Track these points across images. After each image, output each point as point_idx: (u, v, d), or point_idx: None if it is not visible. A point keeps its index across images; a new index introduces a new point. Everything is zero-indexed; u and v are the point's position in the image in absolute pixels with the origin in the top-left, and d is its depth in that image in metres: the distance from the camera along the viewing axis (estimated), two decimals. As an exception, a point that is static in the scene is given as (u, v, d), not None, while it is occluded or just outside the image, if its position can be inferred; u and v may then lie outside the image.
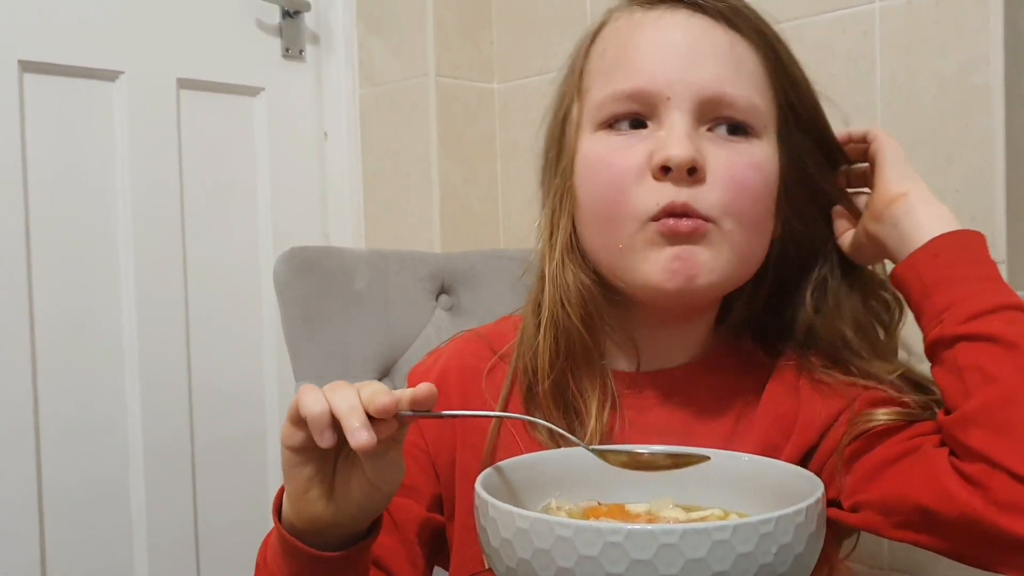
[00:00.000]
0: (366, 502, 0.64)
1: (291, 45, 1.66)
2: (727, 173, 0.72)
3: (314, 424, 0.58)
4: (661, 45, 0.74)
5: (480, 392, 0.82)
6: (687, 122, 0.72)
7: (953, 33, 1.08)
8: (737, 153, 0.73)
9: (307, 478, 0.63)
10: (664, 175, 0.71)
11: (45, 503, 1.40)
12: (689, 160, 0.70)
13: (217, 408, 1.58)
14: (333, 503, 0.63)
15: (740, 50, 0.74)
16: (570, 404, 0.78)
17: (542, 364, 0.78)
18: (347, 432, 0.57)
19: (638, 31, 0.76)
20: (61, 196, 1.42)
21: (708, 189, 0.72)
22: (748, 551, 0.51)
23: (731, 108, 0.73)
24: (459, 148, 1.62)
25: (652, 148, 0.72)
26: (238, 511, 1.61)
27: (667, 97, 0.72)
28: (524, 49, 1.61)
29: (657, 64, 0.73)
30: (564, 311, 0.77)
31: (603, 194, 0.74)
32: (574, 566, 0.51)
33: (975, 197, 1.08)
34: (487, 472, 0.62)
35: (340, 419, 0.58)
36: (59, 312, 1.41)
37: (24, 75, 1.38)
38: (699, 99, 0.72)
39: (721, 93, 0.73)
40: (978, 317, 0.66)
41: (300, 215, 1.69)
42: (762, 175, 0.74)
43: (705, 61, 0.73)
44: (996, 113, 1.06)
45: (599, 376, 0.79)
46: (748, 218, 0.73)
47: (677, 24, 0.74)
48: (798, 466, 0.75)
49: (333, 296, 1.20)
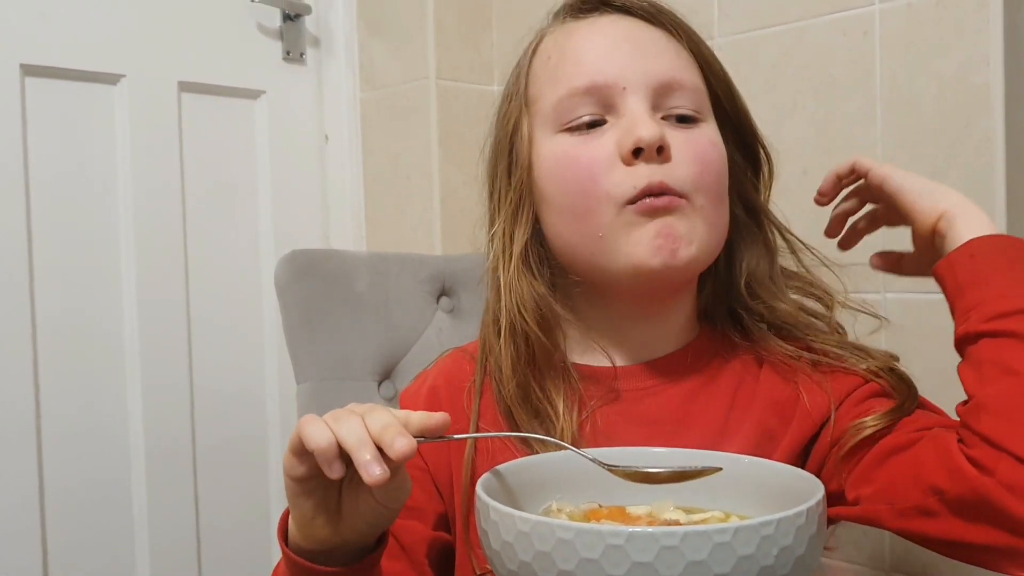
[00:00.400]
0: (374, 521, 0.64)
1: (292, 48, 1.67)
2: (691, 151, 0.76)
3: (322, 457, 0.57)
4: (603, 42, 0.79)
5: (463, 409, 0.82)
6: (645, 107, 0.76)
7: (953, 34, 1.09)
8: (693, 134, 0.77)
9: (313, 506, 0.62)
10: (635, 158, 0.74)
11: (47, 504, 1.40)
12: (659, 138, 0.73)
13: (218, 410, 1.58)
14: (340, 526, 0.63)
15: (672, 43, 0.79)
16: (539, 408, 0.79)
17: (505, 370, 0.80)
18: (359, 467, 0.56)
19: (577, 35, 0.80)
20: (63, 199, 1.42)
21: (676, 166, 0.75)
22: (749, 553, 0.51)
23: (682, 91, 0.77)
24: (460, 151, 1.62)
25: (618, 137, 0.75)
26: (239, 512, 1.62)
27: (622, 87, 0.76)
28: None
29: (605, 58, 0.77)
30: (520, 317, 0.79)
31: (575, 187, 0.76)
32: (575, 568, 0.51)
33: (975, 197, 1.06)
34: (488, 475, 0.62)
35: (350, 453, 0.57)
36: (61, 314, 1.42)
37: (26, 79, 1.38)
38: (653, 84, 0.76)
39: (671, 77, 0.77)
40: (1004, 316, 0.67)
41: (301, 218, 1.69)
42: (718, 151, 0.78)
43: (648, 51, 0.77)
44: (996, 114, 1.06)
45: (563, 377, 0.80)
46: (714, 192, 0.77)
47: (614, 24, 0.79)
48: (798, 460, 0.76)
49: (334, 298, 1.20)
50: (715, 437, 0.77)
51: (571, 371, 0.80)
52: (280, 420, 1.65)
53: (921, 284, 0.89)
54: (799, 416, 0.77)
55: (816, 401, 0.77)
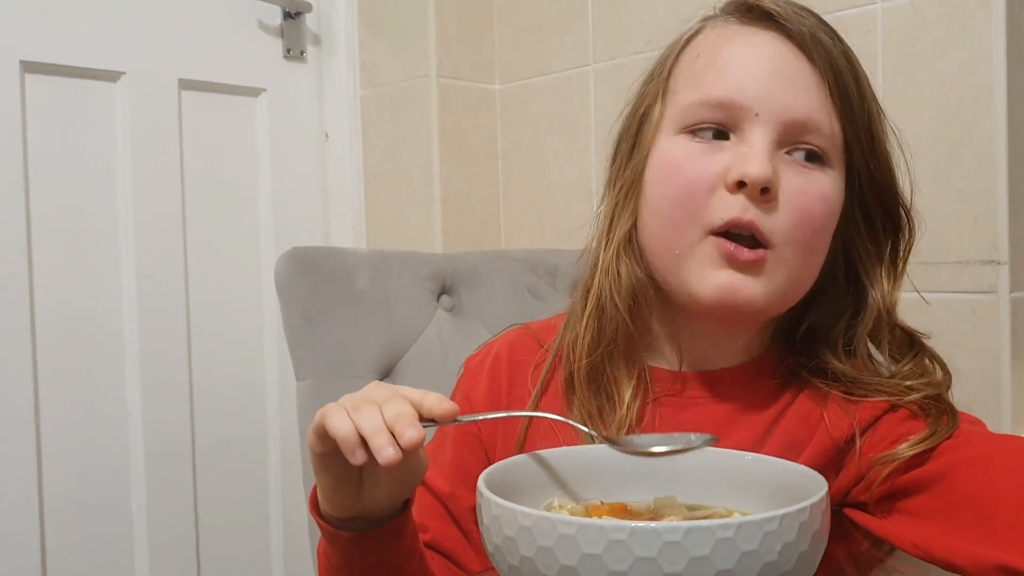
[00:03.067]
0: (392, 494, 0.68)
1: (292, 46, 1.66)
2: (798, 200, 0.73)
3: (345, 444, 0.61)
4: (754, 61, 0.75)
5: (525, 386, 0.83)
6: (769, 141, 0.73)
7: (955, 33, 1.08)
8: (809, 181, 0.74)
9: (335, 479, 0.66)
10: (738, 189, 0.72)
11: (46, 504, 1.40)
12: (765, 180, 0.71)
13: (218, 407, 1.58)
14: (361, 497, 0.67)
15: (820, 81, 0.75)
16: (603, 388, 0.79)
17: (581, 347, 0.80)
18: (375, 451, 0.60)
19: (732, 44, 0.76)
20: (62, 196, 1.42)
21: (776, 211, 0.73)
22: (752, 549, 0.50)
23: (814, 134, 0.74)
24: (460, 149, 1.62)
25: (730, 161, 0.73)
26: (239, 512, 1.61)
27: (755, 113, 0.73)
28: (525, 50, 1.61)
29: (749, 79, 0.74)
30: (612, 301, 0.79)
31: (673, 197, 0.75)
32: (577, 564, 0.51)
33: (977, 198, 1.08)
34: (489, 470, 0.62)
35: (367, 439, 0.60)
36: (60, 312, 1.41)
37: (25, 75, 1.38)
38: (785, 120, 0.73)
39: (807, 118, 0.73)
40: None
41: (301, 215, 1.69)
42: (827, 205, 0.75)
43: (794, 85, 0.74)
44: (998, 113, 1.06)
45: (636, 367, 0.80)
46: (806, 245, 0.74)
47: (770, 45, 0.75)
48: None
49: (334, 296, 1.19)
50: (751, 448, 0.75)
51: (644, 364, 0.80)
52: (280, 418, 1.64)
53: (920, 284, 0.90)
54: (823, 427, 0.76)
55: (841, 420, 0.76)
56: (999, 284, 1.07)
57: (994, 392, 1.06)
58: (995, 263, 1.07)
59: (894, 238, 0.80)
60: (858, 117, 0.76)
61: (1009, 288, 1.06)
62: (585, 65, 1.51)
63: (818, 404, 0.77)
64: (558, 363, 0.83)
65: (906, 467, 0.71)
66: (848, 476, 0.75)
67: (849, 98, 0.75)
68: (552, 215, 1.59)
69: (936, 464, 0.70)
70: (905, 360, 0.78)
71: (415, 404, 0.62)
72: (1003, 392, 1.06)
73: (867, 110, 0.76)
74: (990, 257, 1.07)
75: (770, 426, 0.78)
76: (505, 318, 1.30)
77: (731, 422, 0.78)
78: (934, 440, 0.71)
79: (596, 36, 1.50)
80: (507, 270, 1.33)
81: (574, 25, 1.52)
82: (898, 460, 0.71)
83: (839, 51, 0.75)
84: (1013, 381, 1.06)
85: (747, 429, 0.78)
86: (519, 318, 0.94)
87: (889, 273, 0.80)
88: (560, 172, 1.57)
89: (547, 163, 1.59)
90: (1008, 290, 1.06)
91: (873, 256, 0.80)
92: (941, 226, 1.09)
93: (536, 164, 1.61)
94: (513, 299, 1.32)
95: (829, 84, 0.74)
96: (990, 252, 1.07)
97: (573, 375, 0.80)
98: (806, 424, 0.77)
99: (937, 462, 0.70)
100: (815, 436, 0.76)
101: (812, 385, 0.78)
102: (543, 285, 1.34)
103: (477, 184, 1.64)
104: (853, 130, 0.76)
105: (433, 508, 0.83)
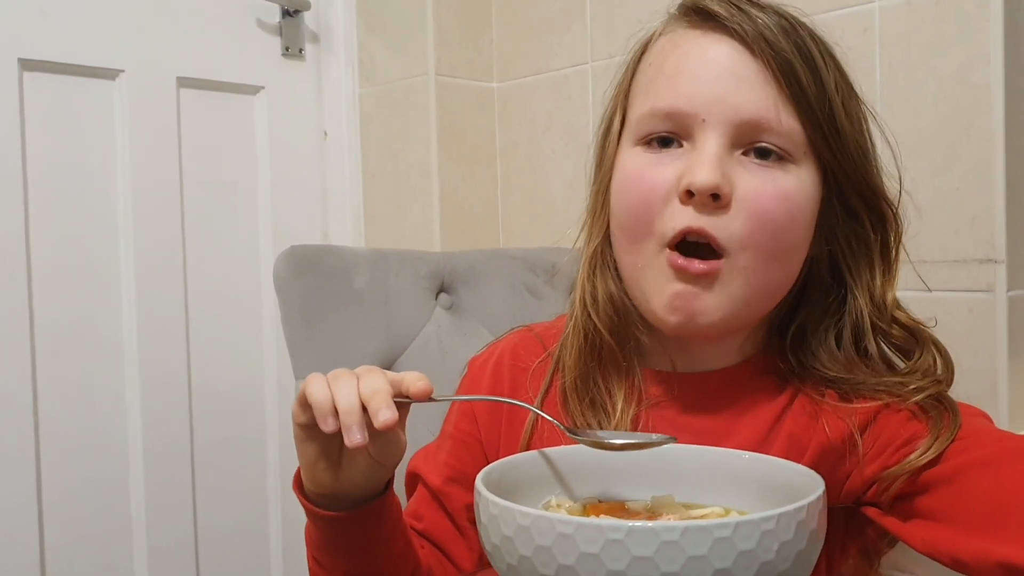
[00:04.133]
0: (370, 474, 0.70)
1: (291, 44, 1.66)
2: (753, 203, 0.72)
3: (319, 411, 0.64)
4: (701, 66, 0.74)
5: (526, 388, 0.84)
6: (720, 145, 0.72)
7: (953, 32, 1.09)
8: (767, 181, 0.72)
9: (315, 452, 0.68)
10: (689, 199, 0.71)
11: (44, 503, 1.40)
12: (712, 187, 0.70)
13: (217, 407, 1.58)
14: (339, 474, 0.69)
15: (772, 78, 0.73)
16: (596, 400, 0.79)
17: (569, 359, 0.80)
18: (344, 431, 0.63)
19: (680, 50, 0.75)
20: (61, 195, 1.42)
21: (731, 217, 0.71)
22: (749, 548, 0.51)
23: (768, 133, 0.72)
24: (459, 147, 1.62)
25: (682, 169, 0.72)
26: (238, 511, 1.61)
27: (702, 119, 0.72)
28: (524, 49, 1.61)
29: (695, 85, 0.73)
30: (588, 316, 0.79)
31: (630, 210, 0.75)
32: (575, 563, 0.51)
33: (975, 197, 1.08)
34: (487, 469, 0.62)
35: (340, 416, 0.63)
36: (59, 311, 1.41)
37: (24, 73, 1.38)
38: (736, 122, 0.72)
39: (758, 117, 0.72)
40: None
41: (300, 214, 1.69)
42: (788, 205, 0.73)
43: (743, 85, 0.72)
44: (996, 112, 1.06)
45: (628, 374, 0.80)
46: (768, 250, 0.73)
47: (716, 47, 0.74)
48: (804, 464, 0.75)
49: (333, 295, 1.19)
50: (753, 449, 0.75)
51: (636, 370, 0.80)
52: (279, 417, 1.64)
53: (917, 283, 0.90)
54: (818, 433, 0.76)
55: (835, 424, 0.75)
56: (996, 283, 1.07)
57: (991, 391, 1.06)
58: (992, 262, 1.07)
59: (883, 232, 0.79)
60: (817, 111, 0.74)
61: (1006, 287, 1.06)
62: (583, 63, 1.51)
63: (816, 404, 0.77)
64: (558, 370, 0.83)
65: (918, 472, 0.71)
66: (856, 477, 0.75)
67: (805, 92, 0.73)
68: (550, 213, 1.59)
69: (946, 467, 0.70)
70: (913, 358, 0.77)
71: (394, 383, 0.64)
72: (1000, 391, 1.06)
73: (828, 102, 0.74)
74: (987, 256, 1.07)
75: (772, 426, 0.78)
76: (503, 316, 1.30)
77: (730, 423, 0.78)
78: (941, 444, 0.70)
79: (594, 34, 1.50)
80: (505, 269, 1.33)
81: (572, 24, 1.52)
82: (910, 470, 0.70)
83: (793, 45, 0.73)
84: (1010, 380, 1.06)
85: (748, 430, 0.78)
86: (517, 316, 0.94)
87: (880, 267, 0.78)
88: (559, 170, 1.57)
89: (545, 161, 1.59)
90: (1005, 289, 1.06)
91: (857, 251, 0.78)
92: (938, 225, 1.09)
93: (534, 162, 1.61)
94: (511, 298, 1.32)
95: (779, 80, 0.73)
96: (987, 251, 1.08)
97: (565, 387, 0.80)
98: (807, 424, 0.76)
99: (947, 464, 0.70)
100: (815, 436, 0.76)
101: (809, 385, 0.78)
102: (541, 284, 1.35)
103: (475, 182, 1.64)
104: (814, 124, 0.74)
105: (428, 500, 0.84)
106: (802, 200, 0.74)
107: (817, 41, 0.76)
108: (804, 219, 0.74)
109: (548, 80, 1.57)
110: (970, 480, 0.68)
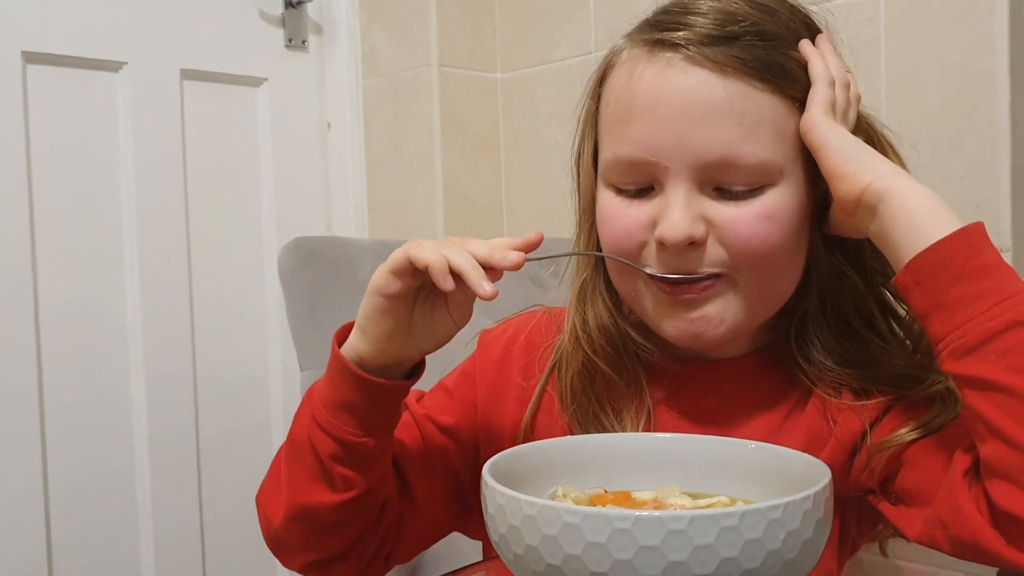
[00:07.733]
0: (442, 336, 0.72)
1: (294, 35, 1.66)
2: (732, 232, 0.71)
3: (437, 272, 0.65)
4: (657, 106, 0.71)
5: (536, 367, 0.83)
6: (686, 190, 0.70)
7: (958, 20, 1.08)
8: (743, 209, 0.71)
9: (394, 321, 0.69)
10: (664, 249, 0.71)
11: (51, 494, 1.40)
12: (683, 238, 0.70)
13: (222, 398, 1.58)
14: (408, 342, 0.71)
15: (743, 102, 0.70)
16: (601, 421, 0.79)
17: (572, 371, 0.80)
18: (472, 285, 0.64)
19: (638, 85, 0.72)
20: (65, 187, 1.42)
21: (712, 250, 0.71)
22: (756, 537, 0.51)
23: (736, 171, 0.70)
24: (462, 138, 1.61)
25: (655, 214, 0.72)
26: (243, 501, 1.61)
27: (664, 167, 0.71)
28: (527, 39, 1.61)
29: (655, 130, 0.71)
30: (576, 342, 0.80)
31: (614, 247, 0.75)
32: (582, 553, 0.51)
33: (979, 184, 1.08)
34: (494, 459, 0.62)
35: (462, 274, 0.64)
36: (64, 303, 1.42)
37: (27, 66, 1.38)
38: (697, 166, 0.70)
39: (722, 158, 0.70)
40: (971, 353, 0.63)
41: (303, 205, 1.69)
42: (770, 224, 0.71)
43: (705, 123, 0.70)
44: (1001, 100, 1.06)
45: (632, 379, 0.79)
46: (760, 265, 0.72)
47: (679, 79, 0.70)
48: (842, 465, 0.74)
49: (337, 286, 1.20)
50: (767, 441, 0.75)
51: (641, 375, 0.80)
52: (283, 407, 1.65)
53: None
54: (838, 427, 0.75)
55: (848, 424, 0.75)
56: (1001, 271, 1.06)
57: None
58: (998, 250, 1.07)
59: None
60: (790, 96, 0.71)
61: (1011, 275, 1.06)
62: (587, 53, 1.50)
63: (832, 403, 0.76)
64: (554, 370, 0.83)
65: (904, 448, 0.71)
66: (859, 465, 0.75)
67: (777, 83, 0.71)
68: (553, 204, 1.59)
69: (918, 447, 0.70)
70: (916, 335, 0.77)
71: (485, 255, 0.66)
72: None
73: (800, 86, 0.72)
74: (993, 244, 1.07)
75: (786, 417, 0.77)
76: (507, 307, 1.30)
77: (741, 411, 0.78)
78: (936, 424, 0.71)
79: (598, 24, 1.49)
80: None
81: (575, 13, 1.52)
82: (898, 444, 0.70)
83: (749, 43, 0.70)
84: (1015, 368, 1.06)
85: (760, 420, 0.77)
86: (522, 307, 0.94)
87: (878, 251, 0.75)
88: (562, 161, 1.56)
89: (549, 152, 1.58)
90: (1010, 277, 1.06)
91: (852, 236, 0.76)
92: (943, 213, 1.09)
93: (538, 153, 1.61)
94: (515, 288, 1.31)
95: (766, 84, 0.70)
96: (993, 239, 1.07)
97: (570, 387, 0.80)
98: (825, 418, 0.76)
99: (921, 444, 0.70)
100: (835, 430, 0.75)
101: (825, 383, 0.76)
102: (546, 274, 1.35)
103: (478, 173, 1.64)
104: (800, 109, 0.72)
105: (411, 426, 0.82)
106: (787, 214, 0.72)
107: (790, 20, 0.74)
108: (793, 229, 0.72)
109: (551, 70, 1.57)
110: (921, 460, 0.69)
